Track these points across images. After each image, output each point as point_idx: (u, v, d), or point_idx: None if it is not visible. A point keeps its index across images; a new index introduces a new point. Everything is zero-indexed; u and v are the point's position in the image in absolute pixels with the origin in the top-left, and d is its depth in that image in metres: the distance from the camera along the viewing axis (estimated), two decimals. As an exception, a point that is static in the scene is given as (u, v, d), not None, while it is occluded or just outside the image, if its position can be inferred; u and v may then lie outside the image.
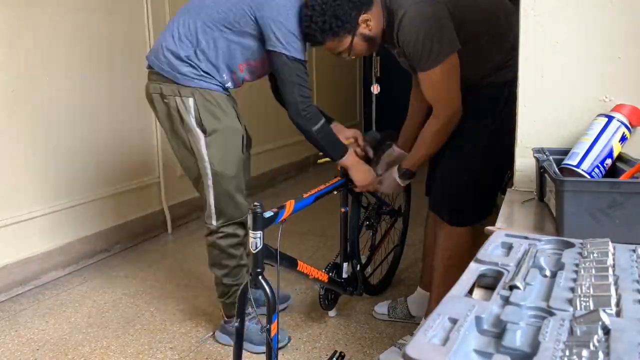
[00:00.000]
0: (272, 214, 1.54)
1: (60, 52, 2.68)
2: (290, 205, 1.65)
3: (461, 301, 0.62)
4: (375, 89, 2.38)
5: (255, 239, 1.48)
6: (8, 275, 2.49)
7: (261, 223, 1.48)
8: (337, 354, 1.77)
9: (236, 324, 1.53)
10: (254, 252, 1.49)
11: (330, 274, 2.00)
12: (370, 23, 1.65)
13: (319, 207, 1.97)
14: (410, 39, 1.60)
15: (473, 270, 0.72)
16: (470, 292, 0.68)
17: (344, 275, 2.09)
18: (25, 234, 2.57)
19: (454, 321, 0.57)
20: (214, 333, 2.09)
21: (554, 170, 1.01)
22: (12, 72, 2.46)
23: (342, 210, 2.11)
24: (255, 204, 1.48)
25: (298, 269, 1.71)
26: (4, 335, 2.15)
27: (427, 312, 1.95)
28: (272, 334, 1.49)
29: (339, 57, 1.75)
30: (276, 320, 1.51)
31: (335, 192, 1.96)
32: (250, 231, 1.48)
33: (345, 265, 2.10)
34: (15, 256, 2.52)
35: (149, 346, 2.04)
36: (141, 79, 1.92)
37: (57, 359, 1.98)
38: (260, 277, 1.49)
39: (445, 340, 0.53)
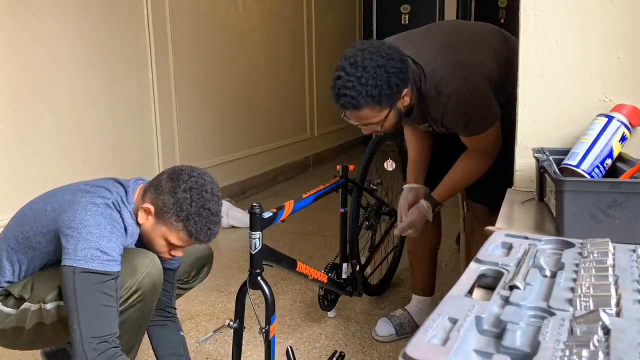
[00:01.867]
0: (271, 214, 1.54)
1: (60, 53, 2.68)
2: (289, 206, 1.65)
3: (461, 301, 0.62)
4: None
5: (255, 240, 1.48)
6: (7, 276, 2.49)
7: (260, 223, 1.48)
8: (337, 354, 1.77)
9: (235, 325, 1.53)
10: (252, 252, 1.49)
11: (330, 274, 2.00)
12: (406, 98, 1.54)
13: (319, 207, 1.96)
14: (460, 117, 1.58)
15: (473, 270, 0.72)
16: (470, 292, 0.68)
17: (344, 276, 2.09)
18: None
19: (454, 321, 0.56)
20: (213, 333, 2.09)
21: (554, 170, 1.01)
22: (12, 72, 2.46)
23: (342, 210, 2.11)
24: (254, 204, 1.48)
25: (297, 269, 1.71)
26: (3, 335, 2.15)
27: None
28: (271, 335, 1.49)
29: (364, 127, 1.58)
30: (275, 322, 1.51)
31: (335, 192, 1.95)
32: (249, 232, 1.48)
33: (344, 265, 2.09)
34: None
35: (149, 346, 2.04)
36: (142, 78, 1.92)
37: None
38: (259, 277, 1.49)
39: (445, 340, 0.53)
